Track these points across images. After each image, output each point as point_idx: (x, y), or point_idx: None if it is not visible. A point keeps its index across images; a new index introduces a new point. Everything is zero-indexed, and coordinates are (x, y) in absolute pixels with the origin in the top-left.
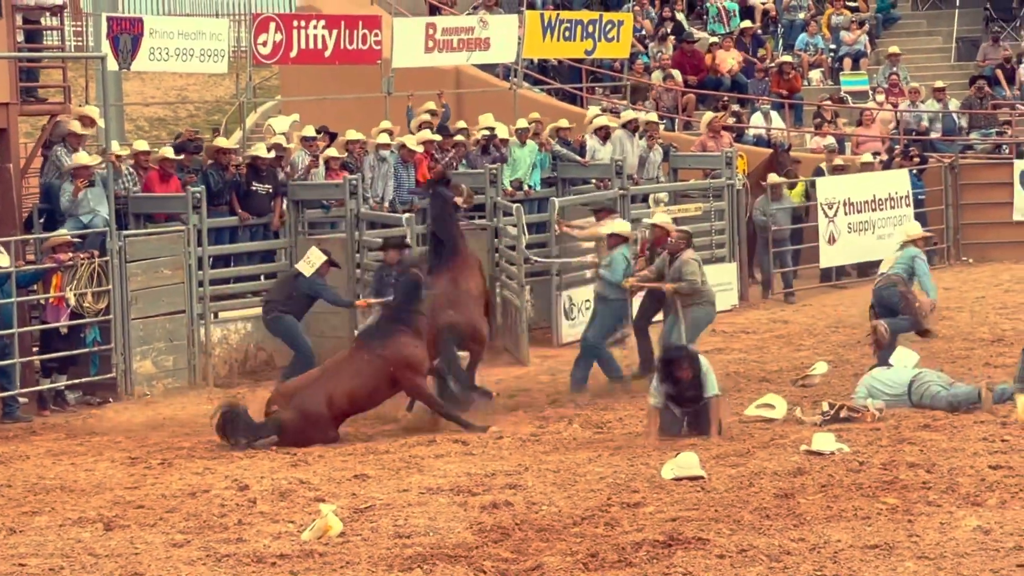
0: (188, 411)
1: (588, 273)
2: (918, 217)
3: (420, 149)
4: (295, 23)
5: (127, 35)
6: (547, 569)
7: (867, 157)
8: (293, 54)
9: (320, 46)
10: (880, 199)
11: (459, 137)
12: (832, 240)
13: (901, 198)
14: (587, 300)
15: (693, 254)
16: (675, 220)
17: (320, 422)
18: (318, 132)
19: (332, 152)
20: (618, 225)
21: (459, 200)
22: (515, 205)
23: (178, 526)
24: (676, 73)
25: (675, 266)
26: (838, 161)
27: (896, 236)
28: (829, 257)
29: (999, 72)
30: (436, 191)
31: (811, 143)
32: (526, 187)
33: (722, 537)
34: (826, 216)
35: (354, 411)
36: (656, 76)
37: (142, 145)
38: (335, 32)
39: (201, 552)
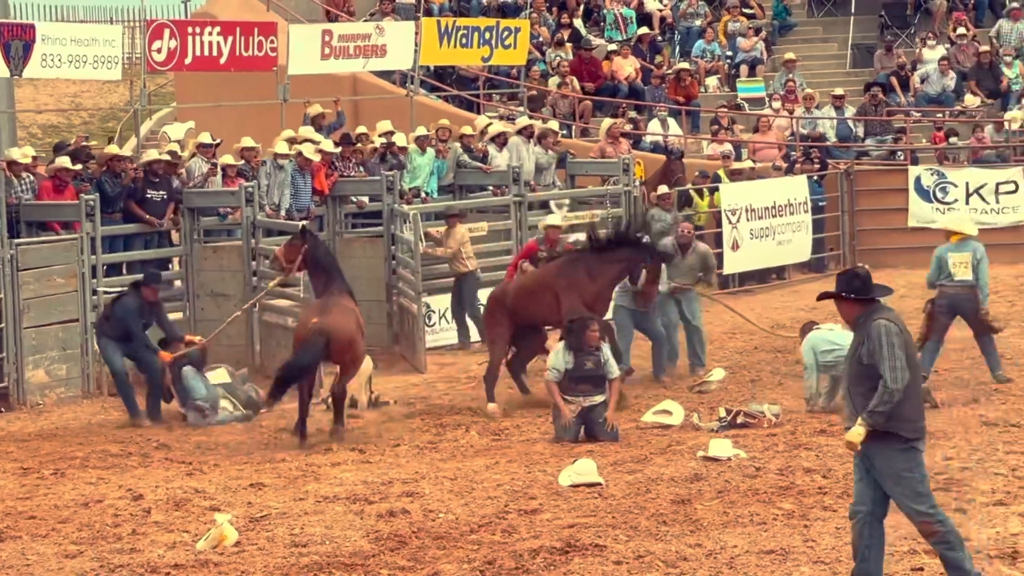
0: (81, 420)
1: None
2: (817, 224)
3: (317, 158)
4: (190, 29)
5: (19, 41)
6: None
7: (748, 163)
8: (188, 61)
9: (215, 53)
10: (780, 205)
11: (359, 144)
12: (736, 246)
13: (800, 204)
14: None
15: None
16: (572, 227)
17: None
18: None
19: (228, 159)
20: None
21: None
22: (412, 212)
23: (71, 536)
24: (573, 80)
25: (694, 258)
26: (736, 166)
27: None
28: (733, 263)
29: (894, 79)
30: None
31: (708, 150)
32: (423, 194)
33: (619, 543)
34: (729, 222)
35: None
36: (553, 83)
37: (30, 152)
38: (230, 39)
39: (94, 563)
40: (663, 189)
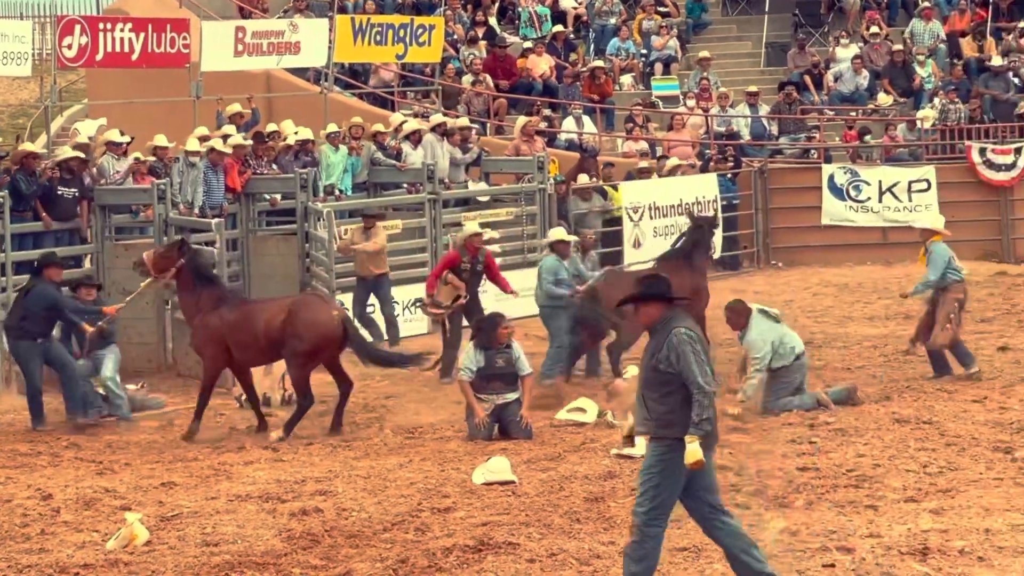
0: None
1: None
2: (731, 221)
3: (229, 151)
4: (101, 26)
5: None
6: (357, 575)
7: (675, 161)
8: (99, 57)
9: (127, 49)
10: (687, 203)
11: (271, 141)
12: (637, 244)
13: (709, 202)
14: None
15: None
16: (488, 224)
17: None
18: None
19: (138, 156)
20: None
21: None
22: (326, 210)
23: None
24: (488, 77)
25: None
26: (643, 164)
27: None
28: (633, 261)
29: (807, 78)
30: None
31: (623, 147)
32: (337, 192)
33: (532, 541)
34: (631, 220)
35: None
36: (467, 80)
37: None
38: (142, 35)
39: (2, 563)
40: (583, 179)
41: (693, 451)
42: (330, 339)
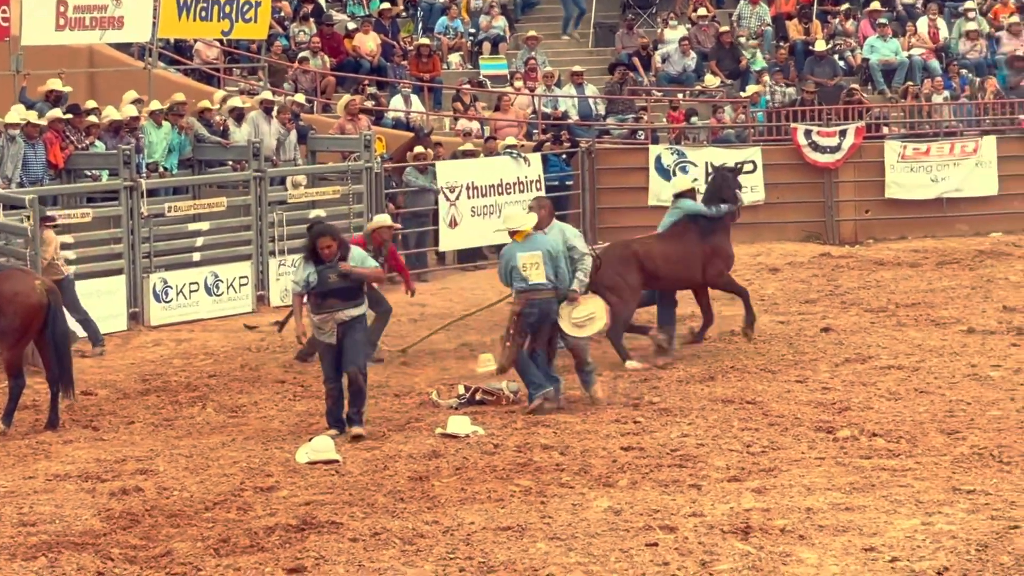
0: None
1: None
2: (560, 201)
3: (44, 123)
4: None
5: None
6: (177, 555)
7: (511, 139)
8: None
9: None
10: (508, 183)
11: (91, 118)
12: (453, 224)
13: (532, 182)
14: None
15: None
16: (313, 203)
17: None
18: None
19: None
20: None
21: None
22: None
23: None
24: (322, 55)
25: None
26: (467, 147)
27: None
28: (449, 241)
29: (635, 59)
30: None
31: (456, 127)
32: (161, 169)
33: (356, 520)
34: (447, 200)
35: None
36: (304, 57)
37: None
38: None
39: None
40: (419, 149)
41: None
42: (38, 310)
